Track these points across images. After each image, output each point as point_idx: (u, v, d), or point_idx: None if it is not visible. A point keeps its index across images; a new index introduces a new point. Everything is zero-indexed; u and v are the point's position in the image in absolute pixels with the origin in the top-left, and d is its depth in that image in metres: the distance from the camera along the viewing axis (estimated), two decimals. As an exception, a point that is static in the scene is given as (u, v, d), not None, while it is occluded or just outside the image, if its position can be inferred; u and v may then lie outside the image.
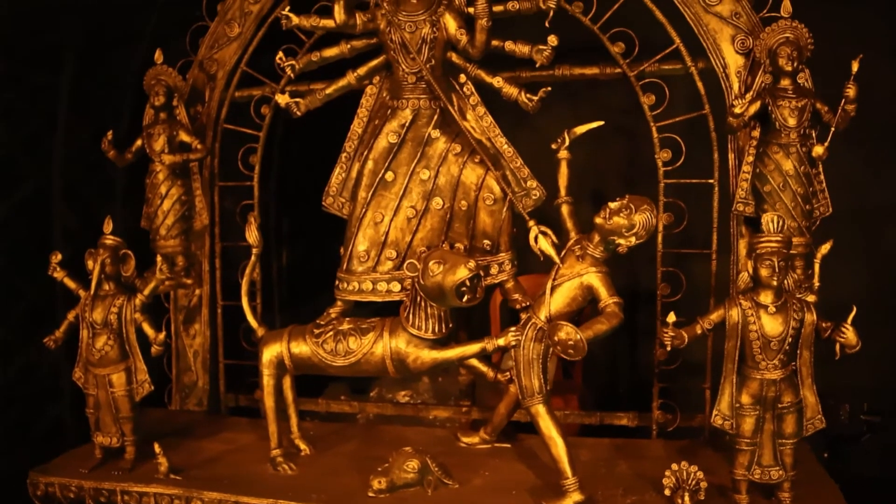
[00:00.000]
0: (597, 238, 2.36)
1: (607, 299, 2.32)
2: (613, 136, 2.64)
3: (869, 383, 2.19)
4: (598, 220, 2.34)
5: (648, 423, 2.90)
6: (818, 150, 2.46)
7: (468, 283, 2.35)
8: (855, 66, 2.38)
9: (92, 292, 2.65)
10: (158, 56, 3.06)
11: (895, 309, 4.08)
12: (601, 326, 2.26)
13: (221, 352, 3.24)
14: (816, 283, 2.35)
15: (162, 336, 2.64)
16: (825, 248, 2.36)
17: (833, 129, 2.45)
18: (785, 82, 2.51)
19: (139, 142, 3.08)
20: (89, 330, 2.68)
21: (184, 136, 3.06)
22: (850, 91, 2.40)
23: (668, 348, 2.24)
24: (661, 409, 2.87)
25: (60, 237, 3.46)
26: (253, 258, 2.73)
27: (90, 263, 2.68)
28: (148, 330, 2.66)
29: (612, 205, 2.33)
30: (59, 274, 2.74)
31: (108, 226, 2.70)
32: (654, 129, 2.75)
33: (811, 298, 2.32)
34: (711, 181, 2.73)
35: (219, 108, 3.17)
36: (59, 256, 2.74)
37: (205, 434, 2.96)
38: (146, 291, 2.71)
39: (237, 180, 3.17)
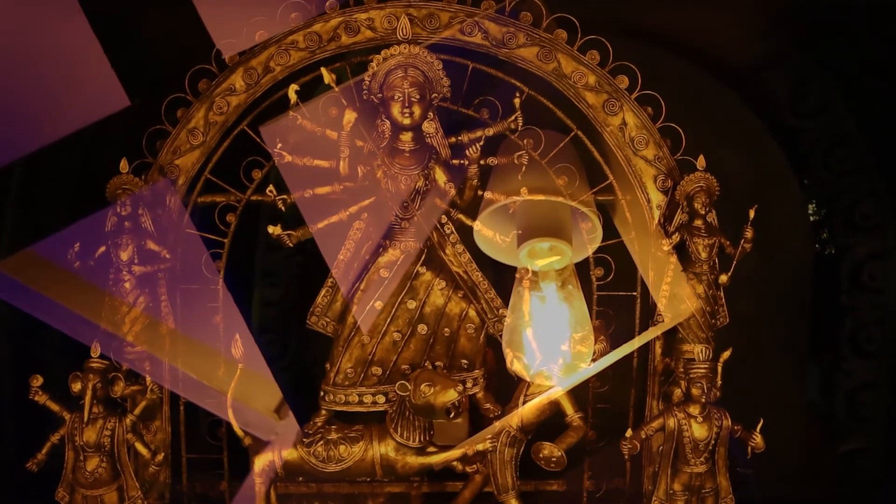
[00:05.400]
0: (561, 360, 2.83)
1: (573, 414, 2.81)
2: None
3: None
4: (564, 348, 2.80)
5: (574, 488, 3.44)
6: (723, 278, 3.07)
7: (456, 403, 2.74)
8: (752, 214, 3.01)
9: (85, 420, 2.71)
10: (124, 165, 3.09)
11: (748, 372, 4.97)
12: (571, 440, 2.77)
13: (184, 447, 3.35)
14: (719, 382, 2.98)
15: (161, 457, 2.77)
16: (726, 355, 2.99)
17: (735, 262, 3.08)
18: (698, 222, 3.08)
19: (102, 248, 3.11)
20: (78, 452, 2.74)
21: (151, 245, 3.12)
22: (748, 233, 3.03)
23: (627, 456, 2.77)
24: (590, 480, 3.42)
25: None
26: (238, 372, 2.91)
27: (76, 387, 2.74)
28: (142, 450, 2.78)
29: (576, 336, 2.80)
30: (41, 398, 2.76)
31: (96, 350, 2.77)
32: (589, 249, 3.25)
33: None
34: (634, 293, 3.29)
35: (180, 212, 3.26)
36: (41, 380, 2.76)
37: (181, 533, 3.12)
38: (136, 412, 2.82)
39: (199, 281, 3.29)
